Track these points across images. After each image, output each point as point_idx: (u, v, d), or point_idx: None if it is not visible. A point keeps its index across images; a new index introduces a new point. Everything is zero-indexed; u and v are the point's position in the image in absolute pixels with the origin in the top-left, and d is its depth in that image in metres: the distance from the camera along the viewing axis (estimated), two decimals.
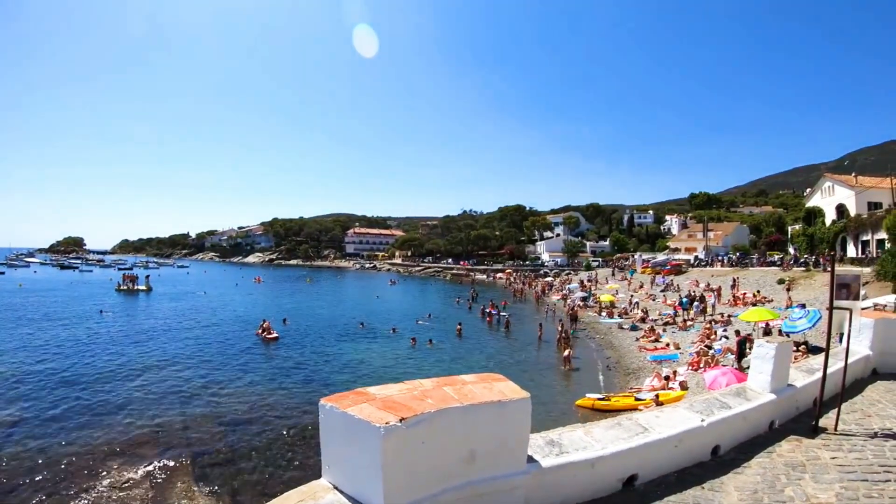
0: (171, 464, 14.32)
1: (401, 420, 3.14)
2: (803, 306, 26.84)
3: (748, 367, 8.34)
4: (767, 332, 23.83)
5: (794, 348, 18.88)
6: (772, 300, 35.41)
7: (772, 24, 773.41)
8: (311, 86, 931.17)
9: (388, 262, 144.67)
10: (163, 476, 13.59)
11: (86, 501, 12.28)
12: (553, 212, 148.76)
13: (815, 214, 60.89)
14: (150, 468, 13.99)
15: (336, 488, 3.46)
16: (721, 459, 5.88)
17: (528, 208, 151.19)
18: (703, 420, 5.70)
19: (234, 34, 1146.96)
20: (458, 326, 36.08)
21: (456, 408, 3.45)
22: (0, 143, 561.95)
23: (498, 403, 3.67)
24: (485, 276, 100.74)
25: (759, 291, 38.82)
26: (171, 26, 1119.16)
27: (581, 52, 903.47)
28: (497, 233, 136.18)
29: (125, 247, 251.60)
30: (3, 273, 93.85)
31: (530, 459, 4.06)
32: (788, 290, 38.24)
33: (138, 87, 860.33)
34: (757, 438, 6.58)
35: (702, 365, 21.78)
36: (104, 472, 13.72)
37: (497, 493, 3.75)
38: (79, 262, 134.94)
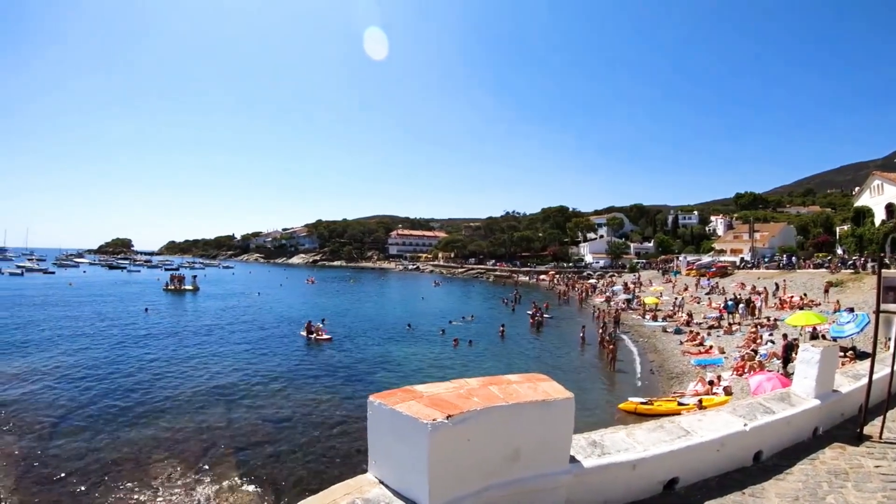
0: (216, 459, 14.71)
1: (447, 417, 3.18)
2: (851, 310, 26.14)
3: (794, 373, 8.20)
4: (815, 336, 23.36)
5: (842, 353, 18.48)
6: (819, 303, 34.60)
7: (816, 18, 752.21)
8: (352, 87, 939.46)
9: (431, 263, 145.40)
10: (208, 471, 13.94)
11: (132, 494, 12.67)
12: (596, 213, 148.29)
13: (864, 214, 58.85)
14: (195, 463, 14.38)
15: (382, 483, 3.50)
16: (763, 465, 5.81)
17: (571, 209, 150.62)
18: (745, 424, 5.65)
19: (271, 40, 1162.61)
20: (502, 328, 36.27)
21: (501, 406, 3.49)
22: (50, 147, 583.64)
23: (542, 403, 3.69)
24: (527, 278, 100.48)
25: (805, 294, 37.97)
26: (205, 36, 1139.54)
27: (622, 51, 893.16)
28: (540, 234, 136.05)
29: (172, 248, 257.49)
30: (53, 273, 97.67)
31: (572, 459, 4.09)
32: (826, 291, 37.50)
33: (183, 96, 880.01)
34: (800, 445, 6.47)
35: (746, 370, 21.42)
36: (150, 466, 14.17)
37: (539, 491, 3.79)
38: (126, 262, 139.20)
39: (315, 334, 32.83)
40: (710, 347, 27.77)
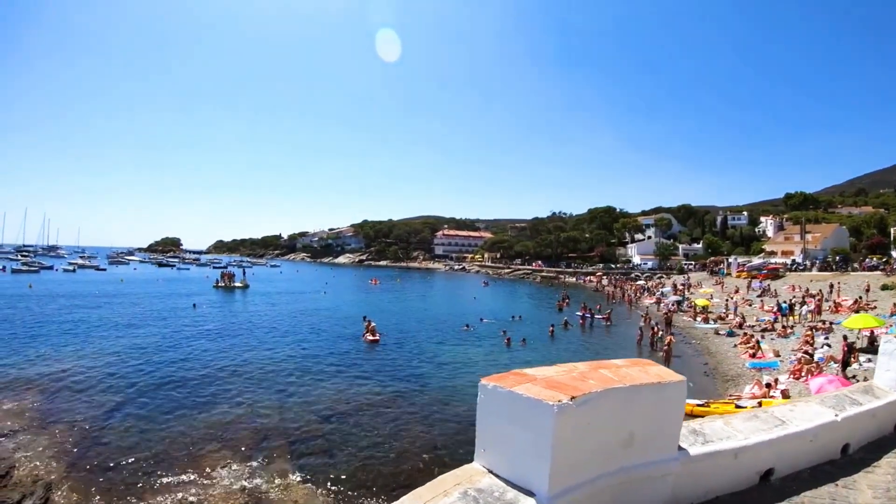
0: (268, 452, 14.80)
1: (571, 399, 3.04)
2: None
3: (853, 377, 7.97)
4: (872, 340, 22.85)
5: None
6: (875, 307, 33.74)
7: (862, 10, 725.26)
8: (398, 89, 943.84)
9: (477, 263, 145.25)
10: (259, 463, 14.06)
11: (184, 483, 12.83)
12: (644, 213, 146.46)
13: None
14: (247, 455, 14.53)
15: (491, 472, 3.34)
16: (850, 458, 5.72)
17: (618, 210, 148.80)
18: (837, 415, 5.57)
19: (323, 41, 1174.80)
20: (551, 328, 36.25)
21: (619, 388, 3.38)
22: (101, 149, 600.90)
23: (657, 385, 3.63)
24: (574, 279, 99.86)
25: (861, 297, 37.05)
26: (257, 41, 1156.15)
27: (669, 50, 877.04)
28: (587, 235, 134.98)
29: (220, 247, 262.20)
30: (105, 270, 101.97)
31: (679, 447, 4.02)
32: (867, 290, 36.93)
33: (232, 100, 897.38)
34: (883, 439, 6.35)
35: (804, 373, 20.99)
36: (202, 457, 14.36)
37: (648, 479, 3.71)
38: (176, 260, 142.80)
39: (369, 334, 32.93)
40: (759, 347, 27.34)
